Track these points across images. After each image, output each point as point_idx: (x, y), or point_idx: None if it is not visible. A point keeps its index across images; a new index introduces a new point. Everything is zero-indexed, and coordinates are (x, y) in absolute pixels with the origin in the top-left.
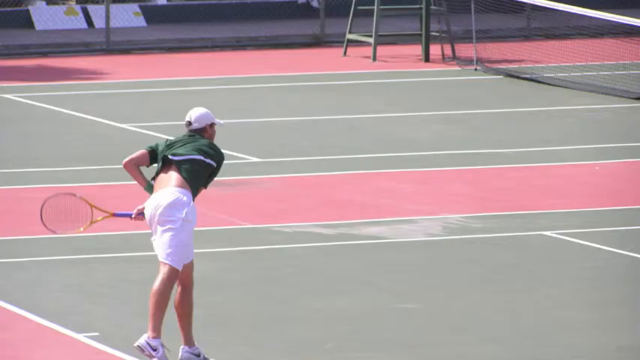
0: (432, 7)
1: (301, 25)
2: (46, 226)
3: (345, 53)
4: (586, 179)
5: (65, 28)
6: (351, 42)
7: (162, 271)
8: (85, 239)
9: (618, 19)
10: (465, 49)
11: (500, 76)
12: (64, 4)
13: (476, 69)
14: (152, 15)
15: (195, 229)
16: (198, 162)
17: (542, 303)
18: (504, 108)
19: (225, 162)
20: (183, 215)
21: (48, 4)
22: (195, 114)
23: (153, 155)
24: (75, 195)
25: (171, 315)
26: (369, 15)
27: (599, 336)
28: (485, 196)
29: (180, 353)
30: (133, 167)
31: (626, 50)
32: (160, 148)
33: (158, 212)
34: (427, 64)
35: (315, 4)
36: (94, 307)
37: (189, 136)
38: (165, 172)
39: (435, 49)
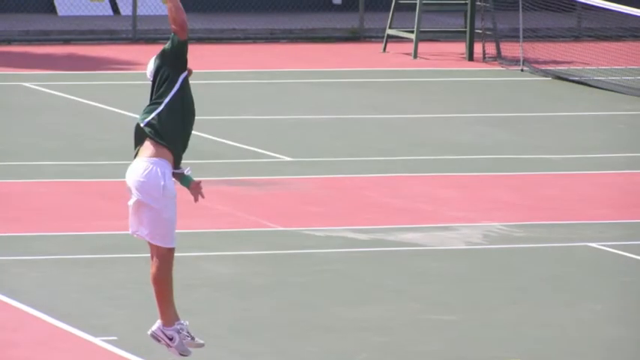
0: (478, 3)
1: (339, 18)
2: None
3: (384, 49)
4: (635, 189)
5: (89, 15)
6: (391, 38)
7: (155, 254)
8: (105, 238)
9: None
10: (511, 49)
11: (549, 78)
12: None
13: (522, 69)
14: (182, 3)
15: (222, 230)
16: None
17: (585, 318)
18: (551, 111)
19: (254, 160)
20: (163, 192)
21: None
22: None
23: None
24: None
25: (176, 297)
26: (410, 10)
27: None
28: (529, 204)
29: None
30: None
31: None
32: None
33: (134, 188)
34: (471, 63)
35: (336, 0)
36: (114, 309)
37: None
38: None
39: (479, 48)
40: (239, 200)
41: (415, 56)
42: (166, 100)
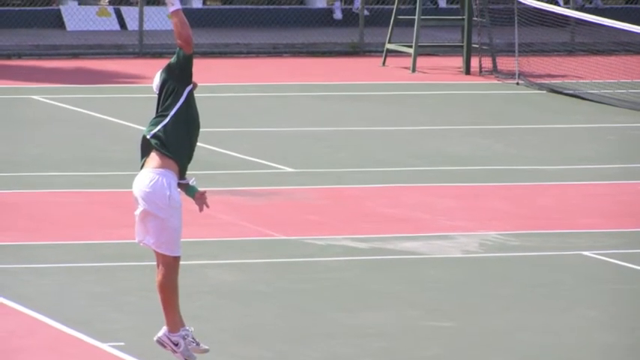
0: (475, 18)
1: (340, 33)
2: None
3: (384, 63)
4: (627, 198)
5: (97, 30)
6: (390, 52)
7: (161, 262)
8: (112, 246)
9: None
10: (507, 63)
11: (543, 91)
12: (96, 4)
13: (518, 83)
14: (187, 18)
15: (226, 239)
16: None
17: (580, 324)
18: (546, 124)
19: (257, 171)
20: (168, 202)
21: (80, 3)
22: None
23: None
24: None
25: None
26: (409, 25)
27: None
28: (524, 214)
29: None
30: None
31: None
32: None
33: (140, 198)
34: (468, 76)
35: (337, 15)
36: (121, 316)
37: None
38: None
39: (476, 62)
40: (242, 210)
41: (414, 70)
42: (172, 112)
